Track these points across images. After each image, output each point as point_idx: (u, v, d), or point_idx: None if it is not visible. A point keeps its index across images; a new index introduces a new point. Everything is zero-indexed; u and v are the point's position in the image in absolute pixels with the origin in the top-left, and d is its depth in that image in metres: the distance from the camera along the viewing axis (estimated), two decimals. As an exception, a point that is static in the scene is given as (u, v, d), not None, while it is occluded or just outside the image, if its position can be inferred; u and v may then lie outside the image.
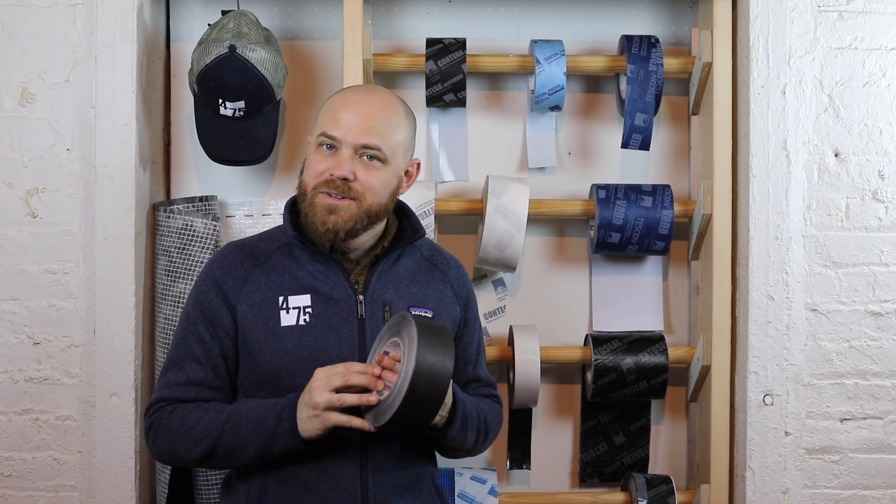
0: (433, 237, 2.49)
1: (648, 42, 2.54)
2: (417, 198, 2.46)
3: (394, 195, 1.90)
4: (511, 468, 2.67)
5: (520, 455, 2.67)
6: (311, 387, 1.74)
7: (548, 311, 2.69)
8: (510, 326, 2.61)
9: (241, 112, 2.40)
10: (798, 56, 2.51)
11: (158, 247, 2.51)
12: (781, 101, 2.51)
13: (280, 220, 2.09)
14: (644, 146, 2.55)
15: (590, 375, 2.57)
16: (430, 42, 2.55)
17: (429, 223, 2.47)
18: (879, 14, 2.53)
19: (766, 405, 2.51)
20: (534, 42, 2.57)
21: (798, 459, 2.52)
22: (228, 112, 2.40)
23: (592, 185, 2.60)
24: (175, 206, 2.49)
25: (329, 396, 1.72)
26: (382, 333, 1.79)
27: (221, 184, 2.62)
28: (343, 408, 1.73)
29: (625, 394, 2.56)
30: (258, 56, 2.36)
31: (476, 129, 2.68)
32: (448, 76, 2.52)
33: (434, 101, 2.55)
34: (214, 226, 2.49)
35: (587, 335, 2.61)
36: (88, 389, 2.44)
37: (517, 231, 2.49)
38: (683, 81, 2.70)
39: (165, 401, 1.87)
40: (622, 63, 2.56)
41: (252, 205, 2.63)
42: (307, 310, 1.85)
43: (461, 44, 2.54)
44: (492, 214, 2.48)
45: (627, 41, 2.55)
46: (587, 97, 2.71)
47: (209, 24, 2.54)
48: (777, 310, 2.51)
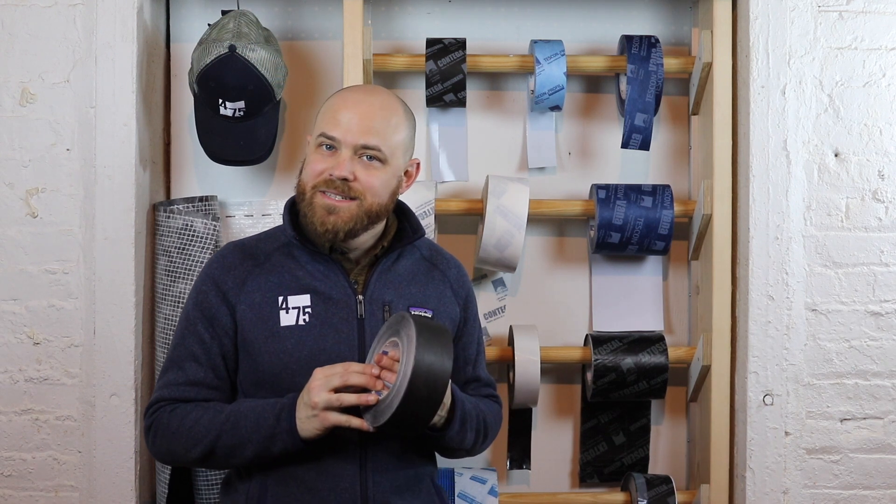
0: (433, 237, 2.49)
1: (648, 42, 2.54)
2: (417, 198, 2.46)
3: (393, 195, 1.90)
4: (511, 468, 2.67)
5: (520, 455, 2.67)
6: (310, 387, 1.74)
7: (548, 311, 2.69)
8: (510, 326, 2.61)
9: (241, 112, 2.40)
10: (798, 56, 2.51)
11: (158, 247, 2.51)
12: (781, 101, 2.51)
13: (280, 220, 2.09)
14: (644, 146, 2.55)
15: (590, 375, 2.57)
16: (430, 42, 2.55)
17: (429, 223, 2.47)
18: (879, 14, 2.53)
19: (766, 405, 2.51)
20: (534, 42, 2.57)
21: (798, 459, 2.52)
22: (228, 112, 2.40)
23: (592, 185, 2.60)
24: (175, 206, 2.49)
25: (328, 396, 1.72)
26: (381, 333, 1.79)
27: (221, 184, 2.62)
28: (342, 408, 1.73)
29: (625, 394, 2.56)
30: (258, 56, 2.36)
31: (476, 129, 2.68)
32: (448, 76, 2.52)
33: (434, 101, 2.55)
34: (214, 226, 2.49)
35: (587, 335, 2.61)
36: (88, 389, 2.44)
37: (517, 231, 2.48)
38: (683, 81, 2.70)
39: (165, 401, 1.87)
40: (622, 63, 2.56)
41: (252, 205, 2.63)
42: (307, 310, 1.85)
43: (461, 44, 2.54)
44: (492, 214, 2.48)
45: (627, 41, 2.55)
46: (587, 97, 2.71)
47: (209, 24, 2.54)
48: (777, 310, 2.51)
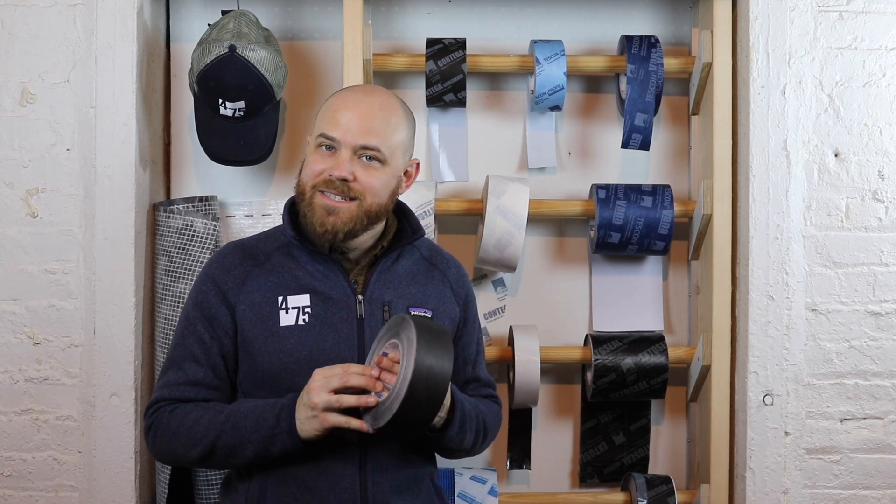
0: (433, 237, 2.49)
1: (648, 42, 2.54)
2: (417, 198, 2.46)
3: (393, 195, 1.90)
4: (511, 468, 2.67)
5: (520, 455, 2.67)
6: (310, 387, 1.74)
7: (548, 311, 2.69)
8: (510, 326, 2.61)
9: (241, 112, 2.40)
10: (798, 56, 2.51)
11: (158, 247, 2.51)
12: (781, 101, 2.51)
13: (280, 220, 2.09)
14: (644, 146, 2.55)
15: (590, 375, 2.57)
16: (430, 42, 2.55)
17: (429, 223, 2.47)
18: (879, 14, 2.53)
19: (766, 405, 2.51)
20: (534, 42, 2.57)
21: (798, 459, 2.52)
22: (228, 112, 2.40)
23: (592, 185, 2.60)
24: (175, 206, 2.49)
25: (327, 397, 1.72)
26: (381, 335, 1.79)
27: (221, 184, 2.62)
28: (342, 409, 1.73)
29: (625, 394, 2.56)
30: (258, 56, 2.36)
31: (476, 129, 2.68)
32: (448, 76, 2.52)
33: (434, 101, 2.55)
34: (214, 226, 2.49)
35: (587, 335, 2.61)
36: (88, 389, 2.44)
37: (517, 231, 2.48)
38: (683, 81, 2.70)
39: (165, 401, 1.87)
40: (622, 63, 2.56)
41: (252, 205, 2.63)
42: (306, 310, 1.85)
43: (461, 44, 2.54)
44: (492, 214, 2.48)
45: (627, 41, 2.55)
46: (587, 97, 2.71)
47: (209, 24, 2.54)
48: (777, 310, 2.51)
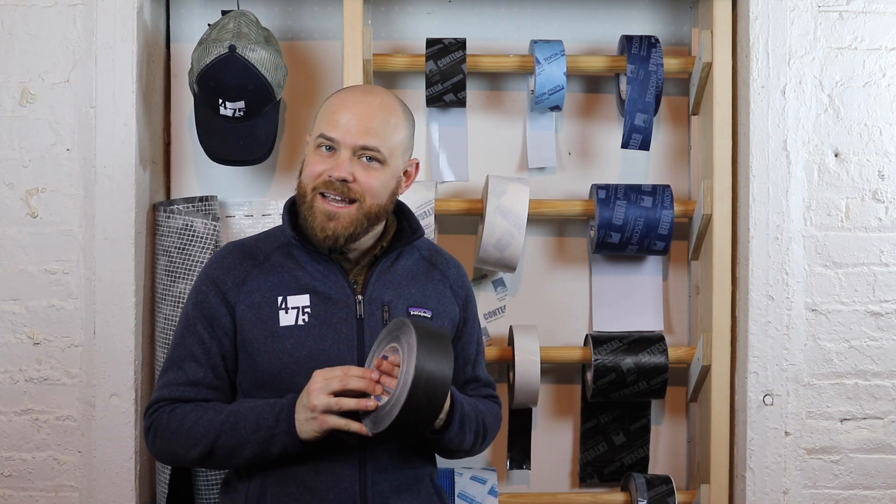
0: (433, 237, 2.49)
1: (648, 42, 2.54)
2: (417, 198, 2.46)
3: (393, 196, 1.90)
4: (511, 468, 2.67)
5: (520, 455, 2.67)
6: (310, 389, 1.74)
7: (548, 311, 2.69)
8: (510, 326, 2.61)
9: (241, 112, 2.40)
10: (798, 56, 2.51)
11: (158, 247, 2.51)
12: (781, 101, 2.51)
13: (280, 220, 2.09)
14: (644, 146, 2.55)
15: (590, 375, 2.57)
16: (430, 42, 2.55)
17: (429, 223, 2.47)
18: (879, 14, 2.53)
19: (766, 405, 2.51)
20: (534, 42, 2.57)
21: (798, 459, 2.52)
22: (228, 112, 2.40)
23: (592, 185, 2.60)
24: (175, 206, 2.49)
25: (327, 400, 1.72)
26: (381, 338, 1.79)
27: (221, 184, 2.62)
28: (341, 411, 1.73)
29: (625, 394, 2.56)
30: (258, 56, 2.36)
31: (476, 129, 2.68)
32: (448, 76, 2.52)
33: (434, 101, 2.55)
34: (214, 226, 2.49)
35: (587, 335, 2.61)
36: (88, 389, 2.44)
37: (517, 231, 2.48)
38: (683, 81, 2.69)
39: (165, 401, 1.87)
40: (622, 63, 2.56)
41: (252, 205, 2.63)
42: (306, 310, 1.85)
43: (461, 44, 2.54)
44: (492, 214, 2.48)
45: (627, 41, 2.55)
46: (587, 97, 2.71)
47: (209, 24, 2.54)
48: (777, 310, 2.51)
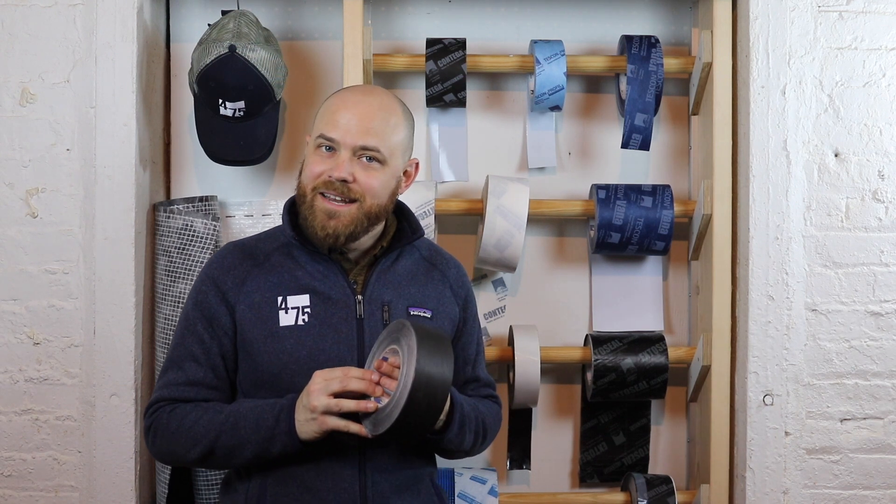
0: (433, 237, 2.49)
1: (648, 42, 2.54)
2: (417, 198, 2.46)
3: (393, 196, 1.90)
4: (511, 468, 2.67)
5: (520, 455, 2.67)
6: (310, 390, 1.74)
7: (548, 311, 2.69)
8: (510, 326, 2.61)
9: (241, 112, 2.40)
10: (798, 56, 2.51)
11: (158, 247, 2.51)
12: (781, 101, 2.51)
13: (280, 220, 2.09)
14: (644, 146, 2.55)
15: (590, 375, 2.57)
16: (430, 42, 2.55)
17: (429, 223, 2.47)
18: (879, 14, 2.53)
19: (766, 405, 2.51)
20: (534, 42, 2.57)
21: (798, 459, 2.52)
22: (228, 112, 2.40)
23: (592, 185, 2.60)
24: (175, 206, 2.49)
25: (327, 401, 1.71)
26: (381, 339, 1.79)
27: (221, 184, 2.62)
28: (341, 413, 1.73)
29: (625, 394, 2.56)
30: (258, 56, 2.36)
31: (476, 129, 2.68)
32: (448, 76, 2.52)
33: (434, 101, 2.55)
34: (214, 226, 2.49)
35: (587, 335, 2.61)
36: (88, 389, 2.44)
37: (517, 231, 2.48)
38: (683, 81, 2.69)
39: (165, 401, 1.87)
40: (622, 63, 2.56)
41: (252, 205, 2.63)
42: (306, 310, 1.85)
43: (461, 44, 2.54)
44: (492, 214, 2.48)
45: (627, 41, 2.55)
46: (587, 97, 2.71)
47: (209, 24, 2.54)
48: (777, 310, 2.51)
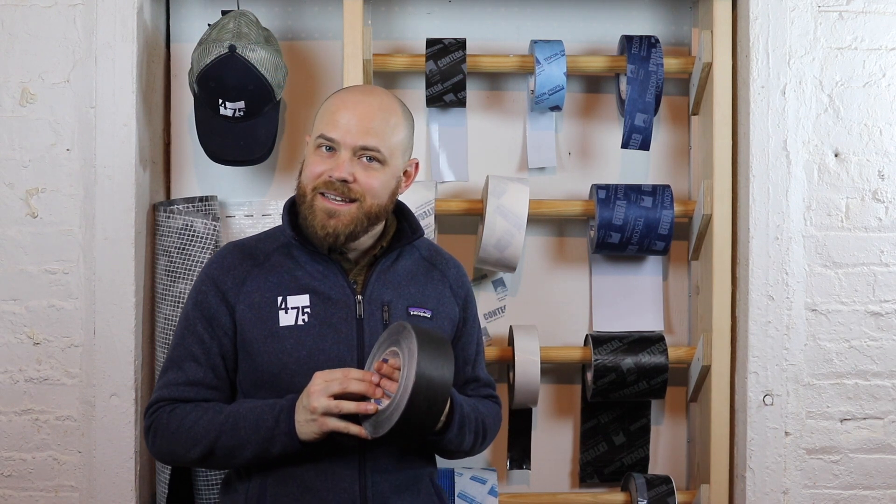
0: (433, 237, 2.49)
1: (648, 42, 2.54)
2: (417, 198, 2.46)
3: (393, 196, 1.90)
4: (511, 468, 2.67)
5: (520, 455, 2.67)
6: (310, 391, 1.73)
7: (548, 311, 2.69)
8: (510, 326, 2.61)
9: (241, 112, 2.40)
10: (798, 56, 2.51)
11: (158, 247, 2.51)
12: (781, 101, 2.51)
13: (280, 220, 2.09)
14: (644, 146, 2.55)
15: (590, 375, 2.57)
16: (430, 42, 2.55)
17: (429, 223, 2.47)
18: (879, 14, 2.53)
19: (766, 405, 2.51)
20: (534, 42, 2.57)
21: (798, 459, 2.52)
22: (228, 112, 2.40)
23: (592, 185, 2.60)
24: (175, 207, 2.49)
25: (327, 402, 1.71)
26: (381, 341, 1.78)
27: (221, 184, 2.62)
28: (341, 414, 1.72)
29: (625, 394, 2.56)
30: (258, 56, 2.36)
31: (476, 129, 2.68)
32: (448, 76, 2.52)
33: (434, 101, 2.55)
34: (214, 226, 2.49)
35: (587, 335, 2.61)
36: (88, 389, 2.44)
37: (517, 231, 2.48)
38: (683, 81, 2.69)
39: (165, 401, 1.87)
40: (622, 63, 2.56)
41: (252, 205, 2.63)
42: (306, 310, 1.85)
43: (461, 44, 2.54)
44: (492, 214, 2.48)
45: (627, 41, 2.55)
46: (587, 97, 2.71)
47: (209, 25, 2.54)
48: (777, 310, 2.51)
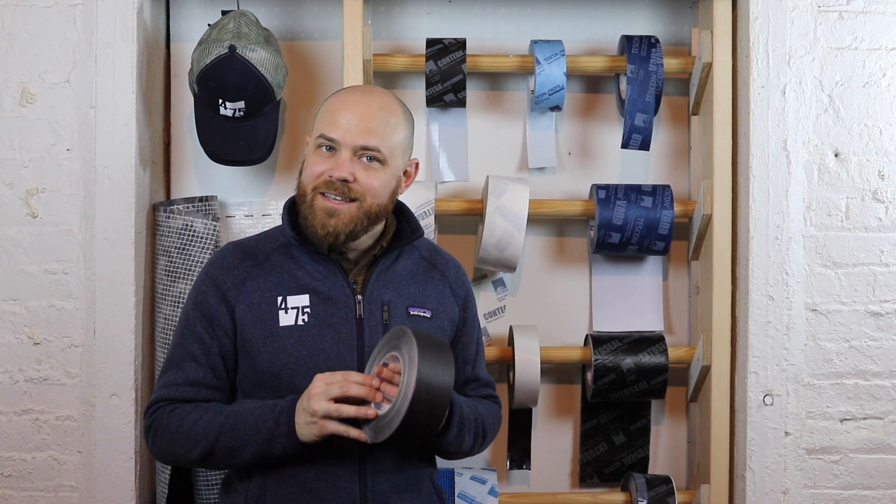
0: (433, 237, 2.49)
1: (648, 42, 2.54)
2: (417, 198, 2.46)
3: (393, 196, 1.90)
4: (511, 468, 2.67)
5: (520, 455, 2.67)
6: (310, 393, 1.73)
7: (548, 311, 2.69)
8: (510, 326, 2.61)
9: (241, 112, 2.40)
10: (798, 56, 2.51)
11: (158, 247, 2.51)
12: (781, 101, 2.51)
13: (280, 220, 2.09)
14: (644, 146, 2.55)
15: (590, 375, 2.57)
16: (430, 42, 2.55)
17: (429, 223, 2.47)
18: (879, 14, 2.53)
19: (766, 405, 2.51)
20: (534, 42, 2.57)
21: (798, 459, 2.52)
22: (228, 112, 2.40)
23: (592, 185, 2.60)
24: (175, 207, 2.49)
25: (327, 406, 1.71)
26: (381, 345, 1.78)
27: (221, 184, 2.62)
28: (341, 417, 1.72)
29: (625, 394, 2.56)
30: (258, 56, 2.36)
31: (476, 129, 2.68)
32: (448, 76, 2.52)
33: (434, 102, 2.55)
34: (214, 226, 2.49)
35: (587, 335, 2.61)
36: (88, 389, 2.44)
37: (517, 231, 2.48)
38: (683, 81, 2.69)
39: (165, 401, 1.87)
40: (622, 63, 2.56)
41: (252, 205, 2.63)
42: (306, 310, 1.85)
43: (461, 44, 2.54)
44: (492, 214, 2.48)
45: (627, 41, 2.55)
46: (587, 97, 2.71)
47: (209, 25, 2.54)
48: (777, 310, 2.51)
